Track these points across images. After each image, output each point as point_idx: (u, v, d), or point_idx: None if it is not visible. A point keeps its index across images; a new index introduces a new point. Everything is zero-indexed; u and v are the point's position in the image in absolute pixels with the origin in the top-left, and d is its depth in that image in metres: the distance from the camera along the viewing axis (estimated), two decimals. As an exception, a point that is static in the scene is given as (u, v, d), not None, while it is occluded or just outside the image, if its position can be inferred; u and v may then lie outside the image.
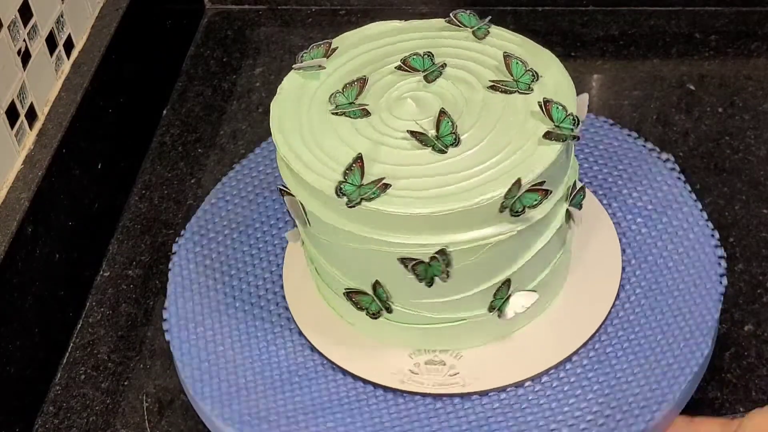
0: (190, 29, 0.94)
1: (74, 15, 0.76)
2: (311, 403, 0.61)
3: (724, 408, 0.62)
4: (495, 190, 0.54)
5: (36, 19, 0.70)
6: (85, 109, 0.73)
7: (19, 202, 0.66)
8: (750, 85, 0.83)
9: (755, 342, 0.65)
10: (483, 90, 0.59)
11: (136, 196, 0.80)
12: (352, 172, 0.55)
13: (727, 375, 0.64)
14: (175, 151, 0.84)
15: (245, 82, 0.89)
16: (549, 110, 0.57)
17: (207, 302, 0.67)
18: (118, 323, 0.71)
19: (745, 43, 0.86)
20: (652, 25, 0.89)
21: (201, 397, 0.62)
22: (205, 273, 0.69)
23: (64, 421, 0.66)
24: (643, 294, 0.64)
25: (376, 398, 0.61)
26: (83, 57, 0.76)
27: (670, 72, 0.85)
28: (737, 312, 0.67)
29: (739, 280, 0.69)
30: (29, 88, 0.69)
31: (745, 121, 0.80)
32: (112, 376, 0.68)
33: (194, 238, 0.72)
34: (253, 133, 0.84)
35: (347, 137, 0.58)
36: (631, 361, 0.60)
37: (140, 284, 0.74)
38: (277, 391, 0.62)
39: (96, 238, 0.76)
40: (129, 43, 0.81)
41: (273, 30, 0.94)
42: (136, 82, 0.83)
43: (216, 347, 0.65)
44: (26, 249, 0.66)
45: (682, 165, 0.76)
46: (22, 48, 0.68)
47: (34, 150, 0.69)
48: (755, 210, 0.73)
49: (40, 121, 0.71)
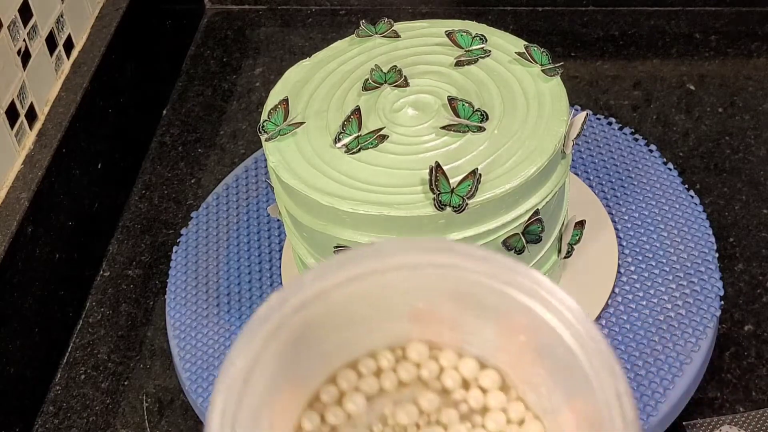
0: (190, 29, 0.94)
1: (74, 15, 0.76)
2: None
3: (723, 408, 0.62)
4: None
5: (36, 19, 0.70)
6: (85, 109, 0.73)
7: (19, 202, 0.66)
8: (750, 85, 0.83)
9: (755, 342, 0.65)
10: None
11: (136, 196, 0.80)
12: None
13: (727, 375, 0.64)
14: (175, 151, 0.84)
15: (245, 82, 0.89)
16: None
17: (207, 302, 0.67)
18: (118, 323, 0.71)
19: (745, 43, 0.86)
20: (652, 25, 0.89)
21: (200, 397, 0.62)
22: (206, 273, 0.69)
23: (64, 421, 0.66)
24: (640, 293, 0.64)
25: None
26: (83, 57, 0.76)
27: (670, 72, 0.85)
28: (737, 312, 0.67)
29: (739, 280, 0.69)
30: (29, 88, 0.69)
31: (745, 121, 0.80)
32: (112, 376, 0.68)
33: (194, 237, 0.72)
34: (253, 133, 0.84)
35: (390, 165, 0.56)
36: (629, 360, 0.60)
37: (140, 284, 0.74)
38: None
39: (96, 238, 0.76)
40: (129, 43, 0.81)
41: (273, 30, 0.94)
42: (136, 82, 0.83)
43: (216, 347, 0.65)
44: (26, 249, 0.66)
45: (682, 165, 0.76)
46: (22, 48, 0.68)
47: (34, 150, 0.69)
48: (755, 210, 0.73)
49: (40, 121, 0.71)
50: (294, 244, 0.62)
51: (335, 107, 0.59)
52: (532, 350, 0.33)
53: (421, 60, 0.61)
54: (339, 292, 0.33)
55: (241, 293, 0.68)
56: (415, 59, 0.61)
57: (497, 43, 0.61)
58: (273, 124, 0.58)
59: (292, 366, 0.33)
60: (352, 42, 0.64)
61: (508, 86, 0.59)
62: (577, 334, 0.31)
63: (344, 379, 0.35)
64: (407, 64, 0.61)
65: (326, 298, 0.33)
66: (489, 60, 0.60)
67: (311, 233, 0.58)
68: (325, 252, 0.58)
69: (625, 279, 0.65)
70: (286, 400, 0.34)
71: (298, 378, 0.34)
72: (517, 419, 0.35)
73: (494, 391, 0.35)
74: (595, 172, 0.71)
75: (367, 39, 0.63)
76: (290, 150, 0.57)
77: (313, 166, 0.56)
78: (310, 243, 0.59)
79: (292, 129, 0.58)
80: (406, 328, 0.35)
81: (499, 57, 0.60)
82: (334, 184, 0.55)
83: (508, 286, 0.32)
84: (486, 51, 0.61)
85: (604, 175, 0.71)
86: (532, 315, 0.32)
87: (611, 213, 0.69)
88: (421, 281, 0.33)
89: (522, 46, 0.61)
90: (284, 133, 0.58)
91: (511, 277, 0.32)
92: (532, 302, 0.32)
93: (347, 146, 0.56)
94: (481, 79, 0.59)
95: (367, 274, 0.33)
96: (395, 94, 0.59)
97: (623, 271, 0.65)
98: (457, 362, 0.35)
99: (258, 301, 0.67)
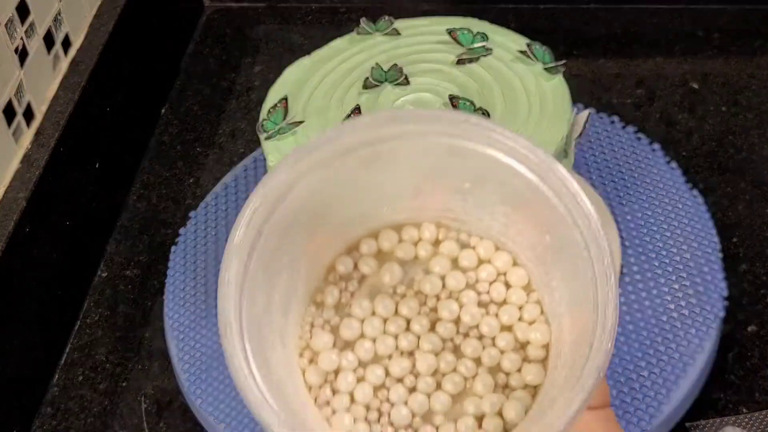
0: (188, 27, 0.94)
1: (72, 13, 0.75)
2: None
3: (727, 409, 0.62)
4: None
5: (33, 17, 0.70)
6: (83, 107, 0.73)
7: (17, 201, 0.66)
8: (754, 84, 0.82)
9: (759, 343, 0.65)
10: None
11: (134, 195, 0.80)
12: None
13: (730, 376, 0.63)
14: (174, 150, 0.83)
15: (244, 81, 0.88)
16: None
17: (206, 302, 0.67)
18: (116, 324, 0.71)
19: (749, 42, 0.86)
20: (655, 23, 0.89)
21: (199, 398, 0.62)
22: (204, 273, 0.69)
23: (62, 423, 0.66)
24: (643, 293, 0.63)
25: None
26: (81, 55, 0.76)
27: (673, 70, 0.84)
28: (741, 312, 0.66)
29: (743, 280, 0.68)
30: (26, 86, 0.69)
31: (749, 120, 0.79)
32: (110, 377, 0.68)
33: (193, 237, 0.71)
34: (252, 132, 0.83)
35: None
36: (632, 361, 0.60)
37: (138, 285, 0.73)
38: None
39: (94, 238, 0.75)
40: (127, 41, 0.80)
41: (272, 28, 0.93)
42: (135, 81, 0.82)
43: (215, 347, 0.64)
44: (24, 249, 0.65)
45: (686, 164, 0.75)
46: (20, 46, 0.68)
47: (31, 149, 0.69)
48: (759, 210, 0.73)
49: (38, 120, 0.70)
50: None
51: (335, 106, 0.59)
52: (555, 251, 0.35)
53: (422, 58, 0.61)
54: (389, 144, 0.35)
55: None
56: (415, 57, 0.61)
57: (499, 41, 0.61)
58: (272, 122, 0.58)
59: (335, 207, 0.36)
60: (352, 40, 0.63)
61: (509, 85, 0.58)
62: (591, 236, 0.33)
63: (386, 239, 0.38)
64: (408, 62, 0.60)
65: (379, 145, 0.35)
66: (491, 58, 0.60)
67: None
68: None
69: (628, 279, 0.64)
70: (321, 242, 0.36)
71: (337, 223, 0.36)
72: (529, 319, 0.37)
73: (518, 289, 0.37)
74: (597, 171, 0.71)
75: (368, 37, 0.63)
76: (290, 149, 0.57)
77: None
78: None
79: (292, 128, 0.57)
80: (459, 206, 0.38)
81: (500, 55, 0.60)
82: None
83: (545, 186, 0.34)
84: (487, 49, 0.60)
85: (607, 174, 0.71)
86: (557, 214, 0.34)
87: (614, 212, 0.68)
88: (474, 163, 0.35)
89: (524, 44, 0.60)
90: (284, 132, 0.57)
91: (548, 178, 0.34)
92: (558, 202, 0.34)
93: None
94: (483, 78, 0.59)
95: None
96: (396, 92, 0.59)
97: (626, 271, 0.65)
98: (493, 254, 0.38)
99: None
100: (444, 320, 0.37)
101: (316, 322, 0.37)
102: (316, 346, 0.37)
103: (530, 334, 0.37)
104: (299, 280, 0.36)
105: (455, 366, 0.37)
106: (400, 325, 0.37)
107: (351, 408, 0.36)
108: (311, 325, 0.37)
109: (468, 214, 0.38)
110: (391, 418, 0.36)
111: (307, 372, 0.36)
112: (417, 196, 0.37)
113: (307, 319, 0.37)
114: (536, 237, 0.36)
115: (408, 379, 0.36)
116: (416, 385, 0.36)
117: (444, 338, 0.37)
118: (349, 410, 0.36)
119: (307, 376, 0.36)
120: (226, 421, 0.61)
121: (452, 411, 0.36)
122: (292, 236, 0.35)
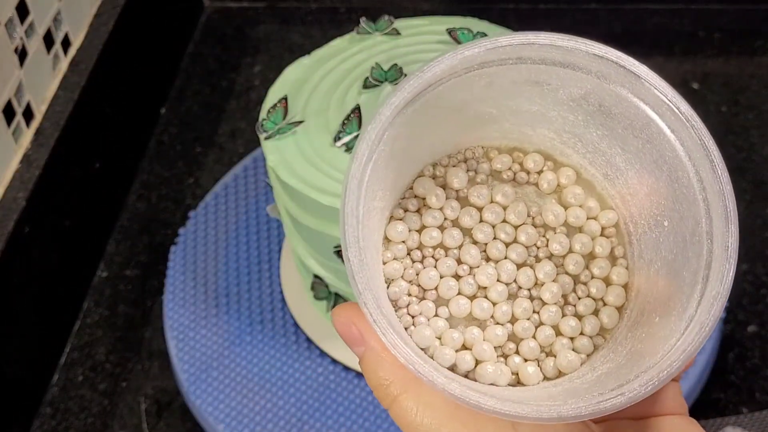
0: (188, 27, 0.93)
1: (72, 13, 0.75)
2: (310, 402, 0.61)
3: (727, 409, 0.62)
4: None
5: (33, 17, 0.70)
6: (83, 107, 0.73)
7: (16, 201, 0.65)
8: (754, 84, 0.82)
9: (759, 343, 0.65)
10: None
11: (134, 195, 0.80)
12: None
13: (730, 376, 0.63)
14: (174, 150, 0.83)
15: (244, 81, 0.88)
16: None
17: (205, 302, 0.67)
18: (116, 324, 0.71)
19: (749, 41, 0.86)
20: (655, 22, 0.89)
21: (199, 398, 0.62)
22: (204, 273, 0.69)
23: (62, 423, 0.66)
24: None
25: (377, 399, 0.60)
26: (81, 55, 0.75)
27: (673, 70, 0.84)
28: (741, 313, 0.66)
29: (743, 280, 0.68)
30: (26, 86, 0.68)
31: (749, 119, 0.79)
32: (110, 377, 0.68)
33: (193, 237, 0.71)
34: (252, 132, 0.83)
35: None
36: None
37: (138, 285, 0.73)
38: (276, 390, 0.62)
39: (94, 238, 0.75)
40: (127, 41, 0.80)
41: (272, 27, 0.93)
42: (134, 81, 0.82)
43: (215, 348, 0.64)
44: (23, 249, 0.65)
45: (686, 164, 0.75)
46: (19, 46, 0.68)
47: (31, 149, 0.69)
48: (759, 210, 0.73)
49: (38, 119, 0.70)
50: (293, 244, 0.61)
51: (335, 106, 0.58)
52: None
53: (422, 58, 0.61)
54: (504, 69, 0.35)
55: (240, 294, 0.67)
56: (416, 57, 0.61)
57: None
58: (272, 122, 0.58)
59: (431, 127, 0.35)
60: (352, 40, 0.63)
61: None
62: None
63: (498, 162, 0.36)
64: (408, 62, 0.60)
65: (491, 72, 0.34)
66: None
67: (311, 233, 0.57)
68: (325, 252, 0.58)
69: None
70: (410, 161, 0.36)
71: (427, 144, 0.36)
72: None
73: (604, 240, 0.37)
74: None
75: (368, 36, 0.63)
76: (289, 149, 0.56)
77: (313, 166, 0.55)
78: (310, 243, 0.59)
79: (292, 128, 0.57)
80: (549, 137, 0.37)
81: None
82: (334, 183, 0.54)
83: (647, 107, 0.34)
84: None
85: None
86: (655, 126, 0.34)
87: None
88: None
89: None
90: (283, 132, 0.57)
91: (650, 97, 0.34)
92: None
93: (347, 145, 0.56)
94: None
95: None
96: None
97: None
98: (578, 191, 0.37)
99: (257, 302, 0.67)
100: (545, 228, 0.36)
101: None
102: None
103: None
104: (408, 178, 0.36)
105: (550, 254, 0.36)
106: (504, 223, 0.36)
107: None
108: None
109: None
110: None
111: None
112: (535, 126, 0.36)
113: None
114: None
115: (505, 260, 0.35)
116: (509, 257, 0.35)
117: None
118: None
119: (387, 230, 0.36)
120: (226, 422, 0.61)
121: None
122: (422, 128, 0.34)
